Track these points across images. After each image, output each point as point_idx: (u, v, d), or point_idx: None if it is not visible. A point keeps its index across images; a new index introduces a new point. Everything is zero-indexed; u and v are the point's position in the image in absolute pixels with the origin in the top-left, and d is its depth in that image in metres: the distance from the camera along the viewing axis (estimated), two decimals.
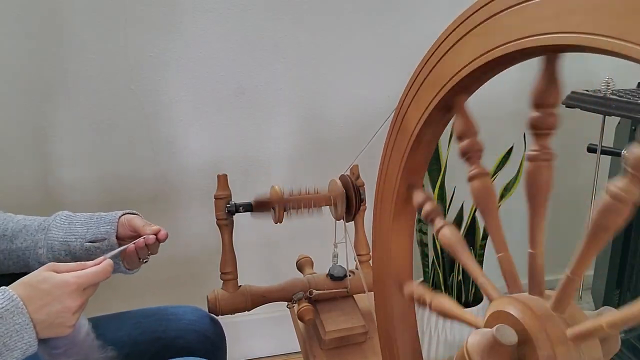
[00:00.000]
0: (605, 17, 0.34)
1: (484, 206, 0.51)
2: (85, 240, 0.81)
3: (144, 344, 0.91)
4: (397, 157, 0.60)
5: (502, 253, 0.50)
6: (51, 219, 0.84)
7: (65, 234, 0.81)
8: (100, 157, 1.42)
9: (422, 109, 0.54)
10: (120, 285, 1.49)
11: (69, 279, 0.63)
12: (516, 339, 0.41)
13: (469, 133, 0.52)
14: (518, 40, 0.41)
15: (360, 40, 1.50)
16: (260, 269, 1.62)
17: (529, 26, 0.40)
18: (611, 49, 0.33)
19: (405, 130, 0.58)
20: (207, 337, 0.96)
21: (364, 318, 1.03)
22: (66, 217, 0.84)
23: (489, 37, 0.44)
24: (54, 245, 0.81)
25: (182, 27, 1.37)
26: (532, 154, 0.44)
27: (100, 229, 0.81)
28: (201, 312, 1.00)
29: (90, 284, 0.66)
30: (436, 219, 0.58)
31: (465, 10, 0.46)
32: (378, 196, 0.66)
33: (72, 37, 1.31)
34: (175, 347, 0.92)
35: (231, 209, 0.99)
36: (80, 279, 0.64)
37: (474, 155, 0.52)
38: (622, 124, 1.40)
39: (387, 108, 0.63)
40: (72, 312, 0.63)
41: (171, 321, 0.95)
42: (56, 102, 1.35)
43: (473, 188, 0.51)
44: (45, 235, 0.81)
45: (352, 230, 1.11)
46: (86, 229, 0.82)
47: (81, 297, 0.64)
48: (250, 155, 1.52)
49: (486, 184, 0.51)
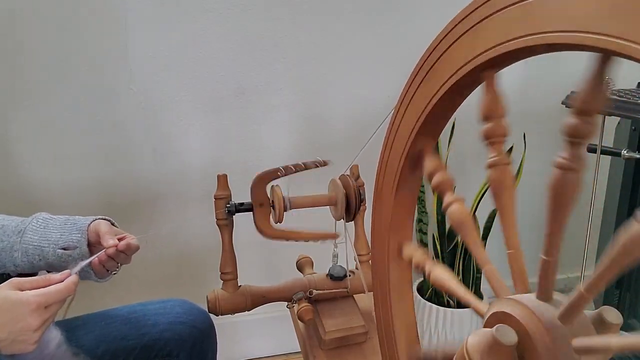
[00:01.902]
0: (605, 17, 0.33)
1: (500, 198, 0.48)
2: (58, 247, 0.80)
3: (132, 339, 0.92)
4: (412, 116, 0.55)
5: (513, 250, 0.48)
6: (28, 220, 0.83)
7: (40, 238, 0.80)
8: (100, 157, 1.42)
9: (436, 88, 0.50)
10: (119, 285, 1.49)
11: (30, 298, 0.63)
12: (516, 339, 0.41)
13: (495, 114, 0.46)
14: (520, 38, 0.40)
15: (360, 40, 1.49)
16: (260, 269, 1.62)
17: (531, 24, 0.39)
18: (611, 49, 0.33)
19: (407, 123, 0.55)
20: (195, 327, 0.96)
21: (364, 318, 1.03)
22: (43, 220, 0.83)
23: (489, 35, 0.43)
24: (28, 250, 0.80)
25: (182, 27, 1.37)
26: (562, 162, 0.39)
27: (72, 237, 0.81)
28: (189, 304, 1.01)
29: (52, 302, 0.66)
30: (447, 193, 0.54)
31: (470, 5, 0.45)
32: (382, 166, 0.63)
33: (72, 37, 1.31)
34: (163, 339, 0.93)
35: (231, 209, 0.99)
36: (42, 298, 0.64)
37: (498, 140, 0.47)
38: (622, 124, 1.40)
39: (387, 108, 0.63)
40: (33, 330, 0.63)
41: (159, 315, 0.95)
42: (56, 102, 1.35)
43: (491, 177, 0.47)
44: (20, 239, 0.80)
45: (352, 230, 1.11)
46: (60, 234, 0.81)
47: (43, 315, 0.64)
48: (250, 155, 1.52)
49: (506, 175, 0.47)
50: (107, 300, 1.05)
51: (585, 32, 0.35)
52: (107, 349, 0.89)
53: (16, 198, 1.39)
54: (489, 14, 0.43)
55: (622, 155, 1.25)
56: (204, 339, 0.97)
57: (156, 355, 0.92)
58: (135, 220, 1.48)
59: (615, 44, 0.33)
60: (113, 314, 0.96)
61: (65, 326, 0.92)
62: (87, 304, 1.00)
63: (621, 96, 1.14)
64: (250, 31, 1.42)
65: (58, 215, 0.85)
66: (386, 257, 0.65)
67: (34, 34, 1.29)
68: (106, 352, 0.89)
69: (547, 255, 0.43)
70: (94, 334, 0.91)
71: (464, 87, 0.49)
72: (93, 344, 0.89)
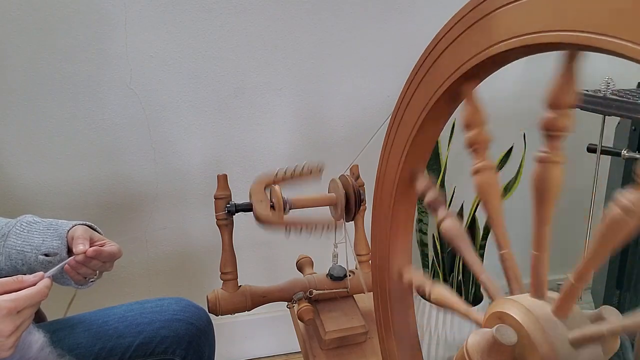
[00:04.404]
0: (605, 17, 0.33)
1: (488, 201, 0.49)
2: (40, 253, 0.79)
3: (129, 337, 0.92)
4: (401, 140, 0.57)
5: (505, 250, 0.49)
6: (12, 223, 0.82)
7: (23, 242, 0.80)
8: (99, 157, 1.42)
9: (428, 96, 0.52)
10: (118, 285, 1.49)
11: (1, 303, 0.62)
12: (516, 338, 0.41)
13: (476, 123, 0.49)
14: (519, 37, 0.40)
15: (360, 40, 1.50)
16: (260, 269, 1.62)
17: (529, 23, 0.39)
18: (611, 49, 0.33)
19: (406, 124, 0.56)
20: (192, 324, 0.96)
21: (364, 318, 1.03)
22: (27, 223, 0.82)
23: (487, 34, 0.43)
24: (11, 254, 0.79)
25: (182, 27, 1.37)
26: (543, 155, 0.41)
27: (53, 243, 0.80)
28: (185, 301, 1.01)
29: (24, 307, 0.64)
30: (439, 209, 0.56)
31: (467, 4, 0.45)
32: (379, 184, 0.64)
33: (72, 37, 1.31)
34: (159, 336, 0.93)
35: (231, 209, 0.99)
36: (13, 303, 0.63)
37: (481, 147, 0.49)
38: (622, 124, 1.40)
39: (387, 108, 0.63)
40: (5, 336, 0.62)
41: (155, 313, 0.95)
42: (56, 101, 1.35)
43: (477, 182, 0.49)
44: (4, 242, 0.80)
45: (352, 230, 1.11)
46: (42, 239, 0.80)
47: (15, 320, 0.63)
48: (250, 155, 1.52)
49: (491, 179, 0.49)
50: (106, 300, 1.05)
51: (582, 32, 0.35)
52: (103, 347, 0.89)
53: (16, 198, 1.39)
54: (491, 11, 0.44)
55: (622, 155, 1.25)
56: (201, 336, 0.97)
57: (152, 352, 0.92)
58: (135, 220, 1.49)
59: (613, 44, 0.33)
60: (110, 313, 0.96)
61: (62, 325, 0.92)
62: (85, 302, 1.00)
63: (621, 96, 1.14)
64: (250, 31, 1.42)
65: (46, 218, 0.84)
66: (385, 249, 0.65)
67: (31, 33, 1.29)
68: (102, 349, 0.89)
69: (536, 250, 0.45)
70: (90, 332, 0.91)
71: (456, 94, 0.51)
72: (90, 342, 0.89)
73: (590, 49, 0.35)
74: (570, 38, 0.36)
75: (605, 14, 0.33)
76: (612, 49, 0.33)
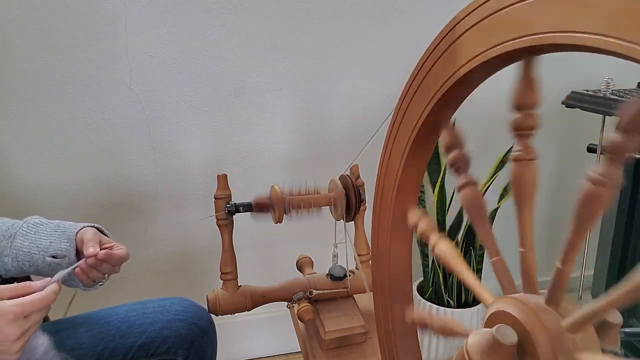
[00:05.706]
0: (605, 17, 0.33)
1: (475, 214, 0.52)
2: (47, 255, 0.79)
3: (131, 337, 0.92)
4: (400, 148, 0.59)
5: (496, 257, 0.50)
6: (19, 224, 0.82)
7: (30, 244, 0.80)
8: (99, 157, 1.42)
9: (427, 99, 0.54)
10: (119, 285, 1.49)
11: (8, 307, 0.62)
12: (516, 338, 0.41)
13: (455, 145, 0.53)
14: (519, 39, 0.40)
15: (360, 40, 1.50)
16: (260, 269, 1.62)
17: (529, 25, 0.40)
18: (611, 49, 0.33)
19: (407, 124, 0.57)
20: (194, 324, 0.97)
21: (364, 318, 1.03)
22: (34, 225, 0.82)
23: (488, 35, 0.43)
24: (18, 255, 0.79)
25: (182, 27, 1.37)
26: (516, 154, 0.45)
27: (61, 245, 0.80)
28: (187, 301, 1.01)
29: (31, 311, 0.64)
30: (431, 236, 0.58)
31: (467, 6, 0.46)
32: (378, 192, 0.65)
33: (72, 37, 1.31)
34: (161, 336, 0.93)
35: (231, 209, 0.99)
36: (20, 308, 0.63)
37: (462, 166, 0.53)
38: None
39: (387, 108, 0.63)
40: (12, 341, 0.62)
41: (158, 313, 0.96)
42: (56, 101, 1.35)
43: (463, 197, 0.53)
44: (11, 244, 0.80)
45: (352, 230, 1.11)
46: (49, 241, 0.80)
47: (22, 325, 0.63)
48: (250, 155, 1.52)
49: (475, 193, 0.52)
50: (107, 300, 1.05)
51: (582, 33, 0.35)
52: (105, 347, 0.89)
53: (16, 198, 1.39)
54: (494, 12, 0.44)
55: None
56: (203, 336, 0.97)
57: (155, 352, 0.92)
58: (135, 220, 1.49)
59: (613, 44, 0.33)
60: (112, 313, 0.96)
61: (64, 325, 0.92)
62: (86, 301, 1.00)
63: (621, 96, 1.14)
64: (250, 31, 1.42)
65: (52, 219, 0.84)
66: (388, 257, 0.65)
67: (31, 33, 1.29)
68: (105, 350, 0.89)
69: (522, 246, 0.47)
70: (93, 332, 0.91)
71: (464, 86, 0.51)
72: (92, 342, 0.90)
73: None
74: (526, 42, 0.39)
75: None
76: None
